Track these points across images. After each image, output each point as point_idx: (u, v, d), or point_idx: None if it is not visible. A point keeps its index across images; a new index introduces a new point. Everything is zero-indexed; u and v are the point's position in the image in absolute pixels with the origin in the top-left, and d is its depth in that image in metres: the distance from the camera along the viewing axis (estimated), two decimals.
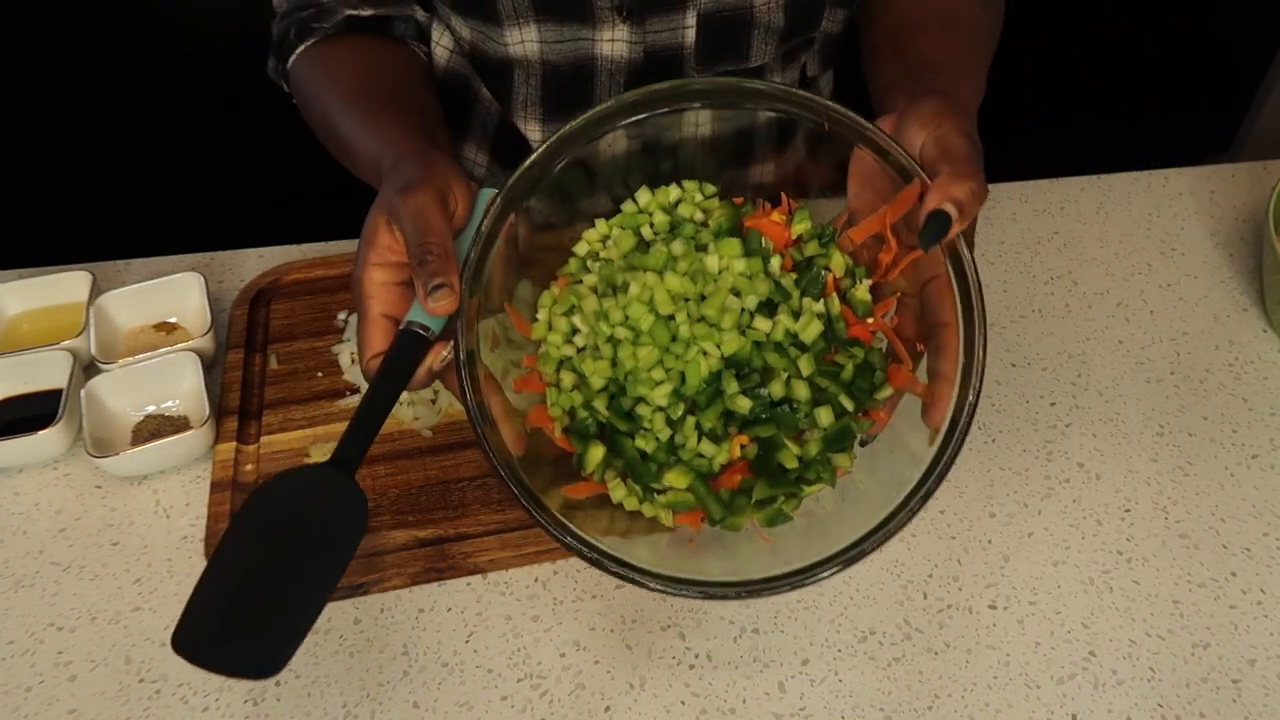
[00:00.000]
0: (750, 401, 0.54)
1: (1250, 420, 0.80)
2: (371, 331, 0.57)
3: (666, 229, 0.61)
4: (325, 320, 0.85)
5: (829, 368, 0.56)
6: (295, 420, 0.78)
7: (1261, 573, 0.70)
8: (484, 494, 0.73)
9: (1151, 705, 0.63)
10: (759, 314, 0.55)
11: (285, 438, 0.77)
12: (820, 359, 0.55)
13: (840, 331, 0.56)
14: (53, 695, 0.63)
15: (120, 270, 0.91)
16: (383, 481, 0.74)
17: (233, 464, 0.74)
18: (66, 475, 0.75)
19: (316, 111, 0.77)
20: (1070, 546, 0.71)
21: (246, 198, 1.87)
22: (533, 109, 0.89)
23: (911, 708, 0.62)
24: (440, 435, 0.77)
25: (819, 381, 0.55)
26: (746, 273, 0.56)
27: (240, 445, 0.76)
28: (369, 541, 0.70)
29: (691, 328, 0.55)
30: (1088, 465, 0.76)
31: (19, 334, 0.82)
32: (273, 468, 0.74)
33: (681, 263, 0.56)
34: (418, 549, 0.70)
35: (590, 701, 0.63)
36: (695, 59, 0.86)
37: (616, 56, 0.85)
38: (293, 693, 0.63)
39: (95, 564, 0.69)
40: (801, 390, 0.54)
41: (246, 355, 0.82)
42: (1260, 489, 0.75)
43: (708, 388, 0.54)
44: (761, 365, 0.55)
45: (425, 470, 0.75)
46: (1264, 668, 0.65)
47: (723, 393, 0.55)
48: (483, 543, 0.70)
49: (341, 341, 0.83)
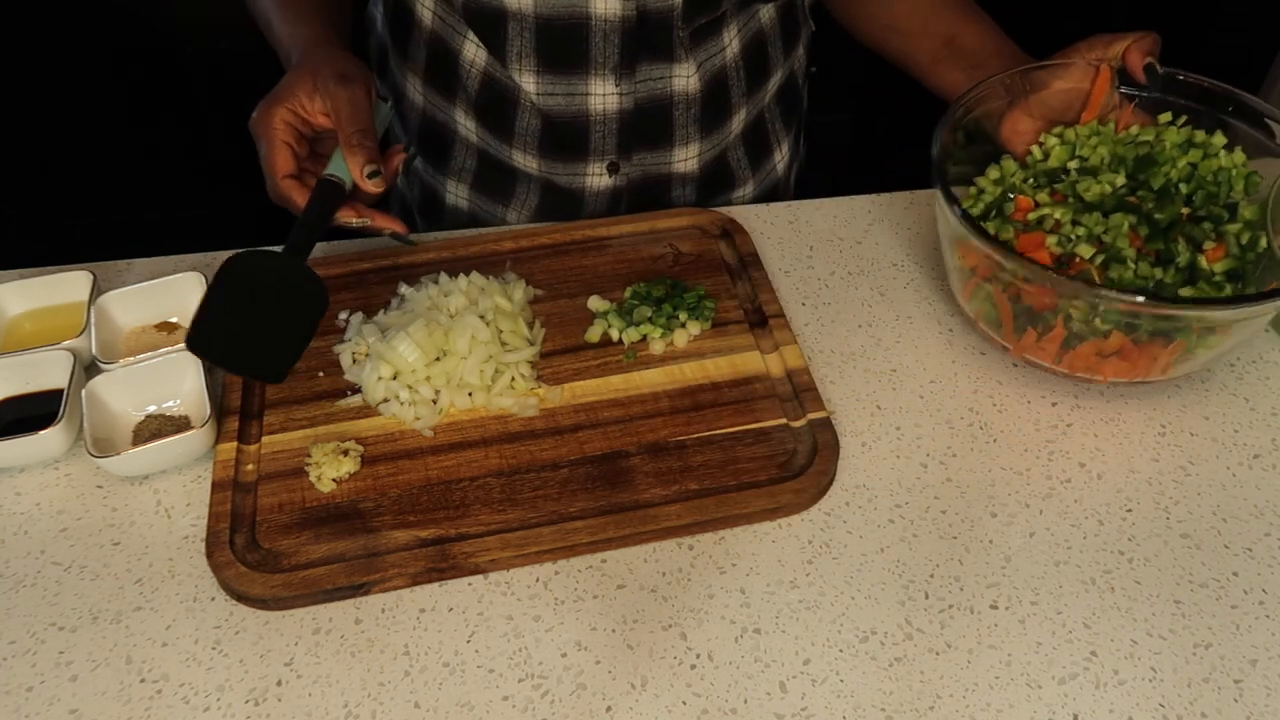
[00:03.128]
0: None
1: (1252, 420, 0.80)
2: (278, 156, 0.74)
3: None
4: (328, 320, 0.85)
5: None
6: (296, 420, 0.77)
7: (1263, 573, 0.70)
8: (485, 494, 0.73)
9: (1153, 705, 0.63)
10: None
11: (286, 437, 0.76)
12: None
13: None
14: (54, 695, 0.63)
15: (121, 270, 0.91)
16: (384, 481, 0.74)
17: (234, 464, 0.74)
18: (68, 475, 0.75)
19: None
20: (1072, 546, 0.71)
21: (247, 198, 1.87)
22: (527, 60, 0.91)
23: (913, 708, 0.62)
24: (441, 435, 0.77)
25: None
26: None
27: (241, 445, 0.75)
28: (369, 540, 0.70)
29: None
30: (1089, 465, 0.76)
31: (20, 334, 0.82)
32: (274, 468, 0.74)
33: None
34: (419, 549, 0.69)
35: (591, 701, 0.63)
36: (681, 17, 0.89)
37: (610, 15, 0.87)
38: (294, 692, 0.63)
39: (96, 564, 0.69)
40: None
41: None
42: (1262, 489, 0.75)
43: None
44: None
45: (426, 470, 0.74)
46: (1265, 668, 0.65)
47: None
48: (484, 542, 0.69)
49: (343, 341, 0.83)
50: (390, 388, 0.78)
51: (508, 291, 0.85)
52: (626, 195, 1.01)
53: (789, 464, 0.74)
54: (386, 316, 0.83)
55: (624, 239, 0.93)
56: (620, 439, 0.76)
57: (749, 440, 0.76)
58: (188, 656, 0.64)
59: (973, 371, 0.83)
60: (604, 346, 0.83)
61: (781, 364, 0.81)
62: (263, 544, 0.70)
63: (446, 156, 1.03)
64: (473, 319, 0.79)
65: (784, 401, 0.79)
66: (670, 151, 0.99)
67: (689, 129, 0.98)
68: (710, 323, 0.84)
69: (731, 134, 1.02)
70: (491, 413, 0.78)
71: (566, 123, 0.95)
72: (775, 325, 0.84)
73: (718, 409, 0.78)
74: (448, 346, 0.79)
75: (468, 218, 1.06)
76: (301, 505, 0.72)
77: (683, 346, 0.83)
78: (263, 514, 0.71)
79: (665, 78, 0.94)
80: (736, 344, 0.83)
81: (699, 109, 0.97)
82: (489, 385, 0.79)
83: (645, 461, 0.74)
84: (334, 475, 0.73)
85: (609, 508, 0.71)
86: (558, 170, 0.98)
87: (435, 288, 0.84)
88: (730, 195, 1.07)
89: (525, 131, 0.96)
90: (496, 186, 1.02)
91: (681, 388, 0.80)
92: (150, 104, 1.84)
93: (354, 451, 0.75)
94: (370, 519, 0.71)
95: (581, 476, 0.74)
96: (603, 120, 0.95)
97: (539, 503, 0.72)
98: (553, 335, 0.84)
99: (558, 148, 0.97)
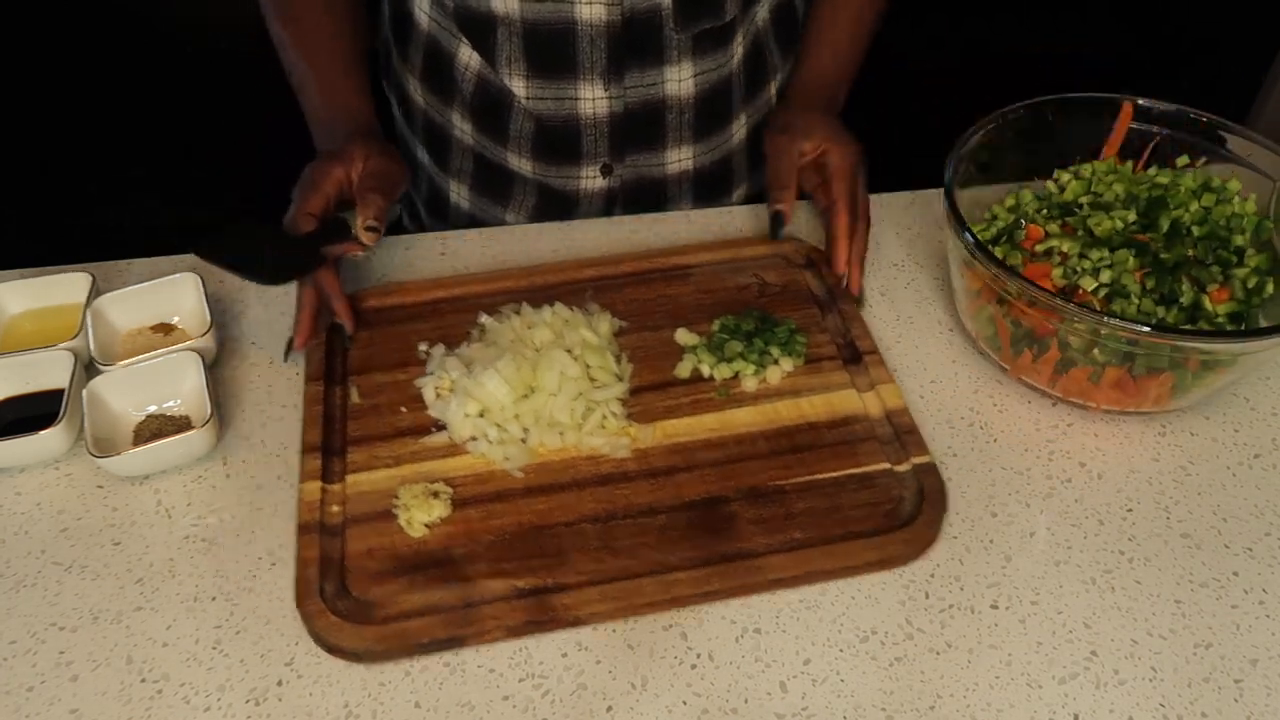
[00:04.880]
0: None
1: (1252, 420, 0.80)
2: (316, 198, 0.80)
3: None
4: (406, 351, 0.82)
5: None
6: (381, 458, 0.74)
7: (1264, 572, 0.70)
8: (581, 540, 0.69)
9: (1153, 705, 0.63)
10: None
11: (371, 477, 0.73)
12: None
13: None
14: (54, 695, 0.63)
15: (121, 270, 0.91)
16: (476, 526, 0.70)
17: (319, 505, 0.71)
18: (68, 475, 0.75)
19: (287, 64, 0.94)
20: (1072, 546, 0.71)
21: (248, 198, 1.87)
22: (516, 65, 0.92)
23: (914, 707, 0.62)
24: (532, 476, 0.73)
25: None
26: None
27: (325, 484, 0.72)
28: (465, 590, 0.67)
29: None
30: (1089, 465, 0.76)
31: (19, 334, 0.82)
32: (361, 510, 0.71)
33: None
34: (517, 599, 0.66)
35: (592, 701, 0.63)
36: (674, 21, 0.89)
37: (595, 20, 0.88)
38: (294, 692, 0.63)
39: (97, 564, 0.69)
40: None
41: (326, 388, 0.79)
42: (1262, 489, 0.75)
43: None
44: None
45: (519, 514, 0.71)
46: (1266, 668, 0.65)
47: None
48: (584, 593, 0.66)
49: (425, 375, 0.80)
50: (478, 425, 0.75)
51: (593, 324, 0.82)
52: (621, 197, 1.01)
53: (895, 512, 0.71)
54: (470, 349, 0.80)
55: (706, 267, 0.90)
56: (718, 483, 0.73)
57: (852, 486, 0.73)
58: (188, 656, 0.64)
59: (973, 371, 0.83)
60: (694, 383, 0.80)
61: (880, 403, 0.78)
62: (353, 592, 0.67)
63: (446, 158, 1.03)
64: (560, 354, 0.77)
65: (885, 444, 0.76)
66: (663, 154, 0.99)
67: (682, 132, 0.98)
68: (803, 359, 0.81)
69: (733, 139, 1.02)
70: (582, 453, 0.75)
71: (558, 126, 0.95)
72: (870, 362, 0.81)
73: (817, 451, 0.75)
74: (536, 383, 0.76)
75: (469, 217, 1.06)
76: (392, 551, 0.69)
77: (776, 384, 0.80)
78: (352, 560, 0.68)
79: (657, 83, 0.94)
80: (831, 381, 0.80)
81: (693, 114, 0.97)
82: (579, 424, 0.75)
83: (746, 508, 0.71)
84: (425, 520, 0.70)
85: (713, 557, 0.68)
86: (551, 173, 0.99)
87: (519, 319, 0.81)
88: (730, 198, 1.07)
89: (519, 134, 0.96)
90: (494, 188, 1.02)
91: (778, 428, 0.77)
92: (150, 104, 1.84)
93: (444, 494, 0.72)
94: (464, 566, 0.68)
95: (680, 523, 0.70)
96: (593, 124, 0.95)
97: (638, 551, 0.69)
98: (640, 370, 0.81)
99: (551, 150, 0.97)
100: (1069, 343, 0.74)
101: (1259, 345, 0.71)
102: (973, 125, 0.84)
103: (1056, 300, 0.71)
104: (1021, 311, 0.75)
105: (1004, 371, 0.82)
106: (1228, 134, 0.85)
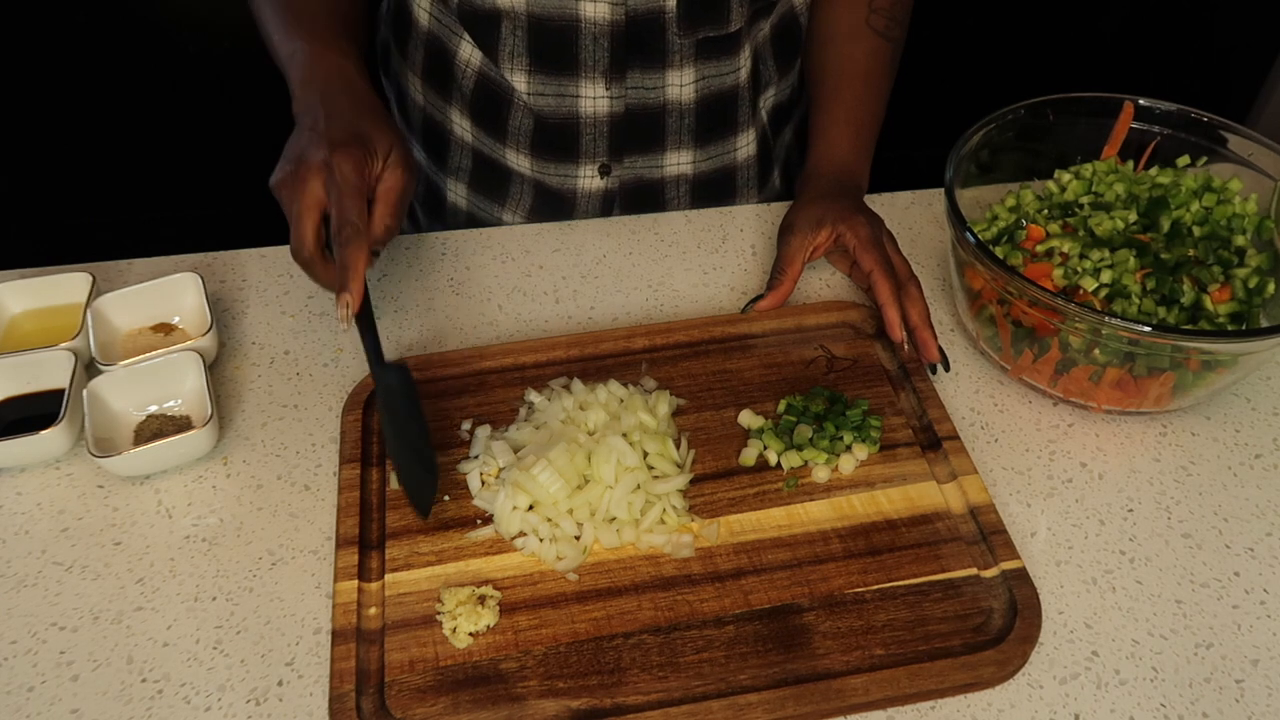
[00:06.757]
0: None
1: (1253, 420, 0.80)
2: (307, 227, 0.71)
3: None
4: (448, 430, 0.76)
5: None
6: (422, 555, 0.68)
7: (1265, 573, 0.70)
8: (642, 654, 0.63)
9: (1154, 705, 0.63)
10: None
11: (412, 576, 0.67)
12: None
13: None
14: (55, 695, 0.63)
15: (122, 270, 0.91)
16: (526, 635, 0.64)
17: (355, 608, 0.65)
18: (69, 475, 0.75)
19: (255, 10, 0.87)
20: (1073, 546, 0.71)
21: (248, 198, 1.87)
22: (519, 60, 0.92)
23: (914, 707, 0.62)
24: (587, 578, 0.67)
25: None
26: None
27: (362, 584, 0.67)
28: (514, 711, 0.60)
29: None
30: (1090, 465, 0.76)
31: (19, 334, 0.82)
32: (401, 614, 0.65)
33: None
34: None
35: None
36: (677, 24, 0.89)
37: (599, 19, 0.88)
38: (294, 692, 0.63)
39: (97, 564, 0.69)
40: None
41: (362, 471, 0.73)
42: (1263, 489, 0.75)
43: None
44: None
45: (573, 623, 0.65)
46: (1267, 668, 0.65)
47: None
48: (646, 717, 0.60)
49: (469, 459, 0.74)
50: (527, 520, 0.69)
51: (651, 405, 0.75)
52: (619, 198, 1.01)
53: (984, 627, 0.65)
54: (519, 432, 0.74)
55: (769, 337, 0.83)
56: (789, 589, 0.66)
57: (937, 595, 0.66)
58: (189, 656, 0.64)
59: (973, 371, 0.83)
60: (758, 471, 0.74)
61: (962, 498, 0.71)
62: (394, 711, 0.61)
63: (445, 155, 1.03)
64: (618, 441, 0.70)
65: (970, 545, 0.69)
66: (662, 156, 0.99)
67: (682, 136, 0.98)
68: (878, 445, 0.75)
69: (738, 151, 1.02)
70: (640, 552, 0.68)
71: (557, 123, 0.95)
72: (950, 449, 0.74)
73: (897, 554, 0.68)
74: (590, 473, 0.70)
75: (466, 216, 1.06)
76: (435, 664, 0.63)
77: (849, 474, 0.73)
78: (392, 672, 0.62)
79: (658, 86, 0.94)
80: (909, 471, 0.73)
81: (693, 119, 0.97)
82: (638, 519, 0.69)
83: (821, 618, 0.65)
84: (471, 629, 0.64)
85: (785, 677, 0.62)
86: (549, 171, 0.99)
87: (570, 398, 0.75)
88: (731, 203, 1.07)
89: (518, 131, 0.96)
90: (492, 186, 1.02)
91: (853, 526, 0.70)
92: (150, 104, 1.84)
93: (491, 599, 0.66)
94: (514, 684, 0.62)
95: (750, 636, 0.64)
96: (593, 122, 0.95)
97: (704, 668, 0.62)
98: (701, 456, 0.74)
99: (549, 148, 0.97)
100: (1070, 343, 0.74)
101: (1260, 345, 0.71)
102: (973, 125, 0.84)
103: (1057, 300, 0.71)
104: (1022, 311, 0.75)
105: (1005, 371, 0.82)
106: (1229, 134, 0.85)
